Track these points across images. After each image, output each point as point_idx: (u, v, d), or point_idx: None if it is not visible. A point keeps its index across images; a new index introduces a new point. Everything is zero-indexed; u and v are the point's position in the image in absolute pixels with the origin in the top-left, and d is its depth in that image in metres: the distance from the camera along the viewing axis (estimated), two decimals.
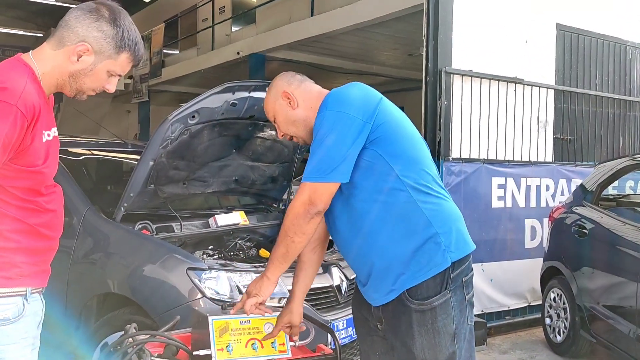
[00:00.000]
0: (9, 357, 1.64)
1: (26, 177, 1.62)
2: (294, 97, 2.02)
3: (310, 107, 2.01)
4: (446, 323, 1.85)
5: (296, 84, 2.05)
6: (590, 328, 4.09)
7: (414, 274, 1.84)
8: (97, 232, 3.29)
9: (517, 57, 5.25)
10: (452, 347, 1.86)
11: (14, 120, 1.51)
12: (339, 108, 1.85)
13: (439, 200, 1.90)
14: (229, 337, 1.77)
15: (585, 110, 5.88)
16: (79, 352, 3.11)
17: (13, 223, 1.62)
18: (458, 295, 1.87)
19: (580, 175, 5.35)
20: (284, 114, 2.04)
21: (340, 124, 1.83)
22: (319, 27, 9.06)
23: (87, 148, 4.36)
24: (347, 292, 3.43)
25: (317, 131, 1.86)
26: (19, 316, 1.65)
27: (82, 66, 1.66)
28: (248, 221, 3.80)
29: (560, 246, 4.59)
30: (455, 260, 1.86)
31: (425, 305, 1.85)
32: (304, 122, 2.02)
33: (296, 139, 2.08)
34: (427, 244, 1.84)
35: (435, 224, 1.85)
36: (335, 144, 1.82)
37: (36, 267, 1.70)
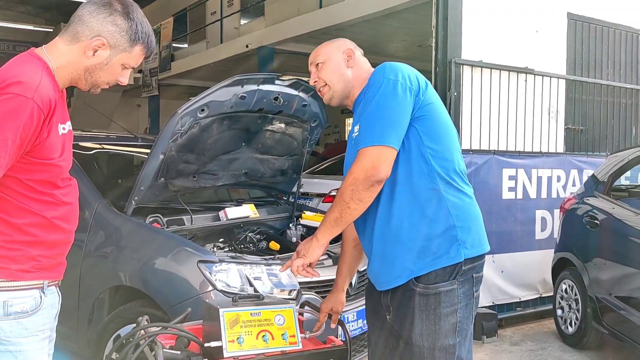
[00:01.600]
0: (27, 348, 1.67)
1: (43, 170, 1.64)
2: (355, 59, 2.08)
3: (358, 76, 2.05)
4: (449, 312, 1.84)
5: (359, 52, 2.13)
6: (602, 319, 4.07)
7: (425, 261, 1.84)
8: (109, 226, 3.32)
9: (527, 47, 5.20)
10: (452, 340, 1.84)
11: (30, 113, 1.52)
12: (396, 77, 1.87)
13: (462, 196, 1.89)
14: (239, 329, 1.78)
15: (596, 100, 5.82)
16: (92, 344, 3.14)
17: (31, 217, 1.65)
18: (466, 288, 1.86)
19: (592, 166, 5.31)
20: (336, 64, 2.06)
21: (400, 91, 1.84)
22: (327, 19, 9.02)
23: (98, 142, 4.38)
24: (357, 284, 3.43)
25: (373, 96, 1.87)
26: (36, 309, 1.67)
27: (97, 60, 1.67)
28: (258, 214, 3.82)
29: (571, 237, 4.57)
30: (469, 258, 1.85)
31: (430, 289, 1.84)
32: (346, 83, 2.05)
33: (325, 91, 2.08)
34: (444, 235, 1.84)
35: (455, 218, 1.84)
36: (397, 110, 1.83)
37: (53, 260, 1.72)
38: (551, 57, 5.42)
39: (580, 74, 5.69)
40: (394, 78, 1.86)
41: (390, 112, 1.82)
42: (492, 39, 4.94)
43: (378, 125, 1.81)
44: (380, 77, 1.88)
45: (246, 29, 12.52)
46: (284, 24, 10.16)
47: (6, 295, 1.62)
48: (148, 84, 15.21)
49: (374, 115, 1.84)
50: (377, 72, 1.93)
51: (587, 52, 5.76)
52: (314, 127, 3.89)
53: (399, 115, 1.83)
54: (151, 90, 15.16)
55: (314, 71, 2.11)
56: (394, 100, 1.83)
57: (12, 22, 18.85)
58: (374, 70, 1.97)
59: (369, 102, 1.87)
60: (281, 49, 10.61)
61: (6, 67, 1.60)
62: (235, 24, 13.06)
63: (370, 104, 1.86)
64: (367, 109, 1.87)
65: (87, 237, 3.26)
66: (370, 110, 1.86)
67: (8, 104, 1.50)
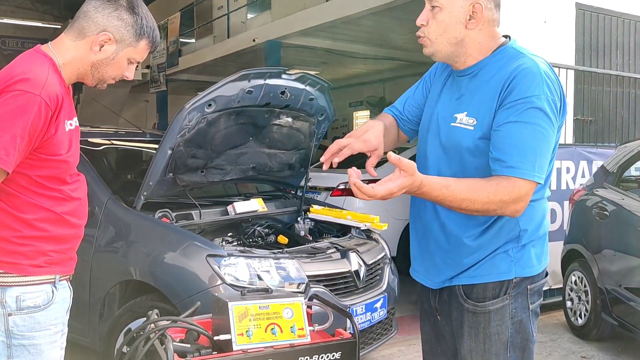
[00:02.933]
0: (40, 342, 1.70)
1: (51, 166, 1.66)
2: (479, 20, 1.69)
3: (477, 43, 1.70)
4: (500, 330, 1.73)
5: (491, 7, 1.71)
6: (611, 311, 4.06)
7: (474, 271, 1.74)
8: (119, 221, 3.34)
9: (536, 38, 5.16)
10: (502, 357, 1.74)
11: (38, 110, 1.54)
12: (554, 104, 1.64)
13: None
14: (248, 322, 1.79)
15: (606, 91, 5.78)
16: (104, 338, 3.17)
17: (41, 212, 1.67)
18: (519, 302, 1.74)
19: (601, 157, 5.27)
20: (453, 20, 1.68)
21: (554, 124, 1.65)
22: (334, 12, 8.99)
23: (106, 138, 4.41)
24: (366, 277, 3.44)
25: (528, 116, 1.59)
26: (48, 303, 1.70)
27: (104, 56, 1.69)
28: (266, 208, 3.83)
29: (581, 229, 4.55)
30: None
31: (478, 308, 1.74)
32: (456, 48, 1.71)
33: (425, 44, 1.74)
34: (504, 247, 1.72)
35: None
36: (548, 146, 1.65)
37: (64, 255, 1.74)
38: (560, 47, 5.38)
39: (589, 65, 5.65)
40: (552, 97, 1.62)
41: (545, 148, 1.63)
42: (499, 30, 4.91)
43: (538, 158, 1.61)
44: (537, 91, 1.60)
45: (253, 23, 12.50)
46: (290, 17, 10.13)
47: (19, 290, 1.65)
48: (156, 80, 15.25)
49: (533, 143, 1.60)
50: (530, 76, 1.62)
51: (595, 42, 5.72)
52: (321, 121, 3.89)
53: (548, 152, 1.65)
54: (159, 85, 15.20)
55: (427, 10, 1.72)
56: (550, 133, 1.63)
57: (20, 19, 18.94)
58: (527, 71, 1.63)
59: (520, 116, 1.59)
60: (288, 42, 10.59)
61: (13, 64, 1.61)
62: (242, 18, 13.04)
63: (527, 125, 1.59)
64: (520, 128, 1.60)
65: (97, 233, 3.29)
66: (528, 134, 1.60)
67: (16, 101, 1.52)
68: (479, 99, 1.69)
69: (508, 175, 1.59)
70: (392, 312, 3.70)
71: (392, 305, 3.64)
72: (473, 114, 1.69)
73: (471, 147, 1.69)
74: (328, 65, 13.01)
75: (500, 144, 1.61)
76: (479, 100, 1.69)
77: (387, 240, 4.06)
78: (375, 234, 3.88)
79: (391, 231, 4.75)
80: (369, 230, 3.84)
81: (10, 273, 1.64)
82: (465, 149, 1.70)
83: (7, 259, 1.64)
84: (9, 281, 1.64)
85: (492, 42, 1.74)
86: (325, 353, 1.84)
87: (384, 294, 3.50)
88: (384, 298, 3.48)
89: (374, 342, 3.49)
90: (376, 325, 3.47)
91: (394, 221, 5.38)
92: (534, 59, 1.68)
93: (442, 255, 1.79)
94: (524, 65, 1.66)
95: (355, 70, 14.23)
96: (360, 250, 3.52)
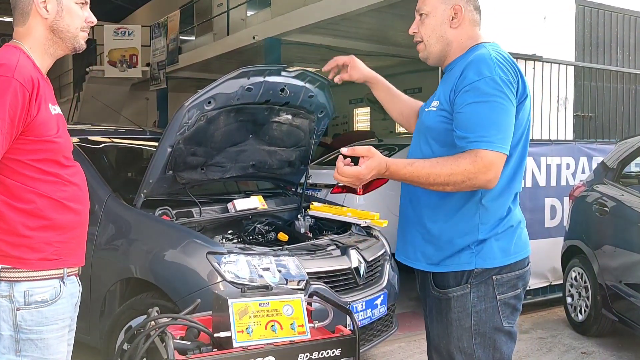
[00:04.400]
0: (47, 337, 1.72)
1: (42, 148, 1.68)
2: (461, 18, 1.90)
3: (459, 40, 1.90)
4: (461, 317, 1.84)
5: (471, 9, 1.92)
6: (612, 306, 4.06)
7: (442, 259, 1.86)
8: (119, 219, 3.34)
9: (535, 34, 5.15)
10: (467, 342, 1.84)
11: (14, 92, 1.57)
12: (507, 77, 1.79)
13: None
14: (248, 320, 1.79)
15: (606, 87, 5.77)
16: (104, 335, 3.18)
17: (40, 199, 1.68)
18: (482, 291, 1.83)
19: (601, 153, 5.27)
20: (438, 21, 1.90)
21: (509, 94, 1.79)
22: (333, 9, 8.98)
23: (107, 136, 4.41)
24: (366, 274, 3.45)
25: (481, 93, 1.74)
26: (56, 298, 1.72)
27: (53, 11, 1.73)
28: (266, 205, 3.83)
29: (581, 225, 4.55)
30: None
31: (441, 294, 1.87)
32: (445, 45, 1.91)
33: (420, 49, 1.96)
34: (464, 240, 1.85)
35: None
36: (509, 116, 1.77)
37: (70, 245, 1.76)
38: (560, 43, 5.37)
39: (590, 61, 5.64)
40: (505, 76, 1.76)
41: (505, 120, 1.75)
42: (499, 26, 4.89)
43: (499, 130, 1.73)
44: (488, 72, 1.75)
45: (253, 21, 12.49)
46: (290, 14, 10.12)
47: (27, 285, 1.67)
48: (156, 77, 15.25)
49: (490, 115, 1.73)
50: (481, 62, 1.78)
51: (596, 38, 5.70)
52: (321, 118, 3.89)
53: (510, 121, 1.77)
54: (159, 83, 15.20)
55: (417, 20, 1.95)
56: (509, 107, 1.75)
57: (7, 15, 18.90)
58: (476, 59, 1.79)
59: (477, 97, 1.74)
60: (288, 39, 10.58)
61: None
62: (241, 16, 13.03)
63: (485, 103, 1.73)
64: (479, 107, 1.74)
65: (98, 231, 3.30)
66: (487, 110, 1.73)
67: None
68: (445, 87, 1.89)
69: (472, 148, 1.73)
70: (392, 308, 3.71)
71: (392, 302, 3.65)
72: (437, 98, 1.91)
73: (432, 126, 1.87)
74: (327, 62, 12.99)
75: (463, 123, 1.76)
76: (444, 88, 1.89)
77: (387, 237, 4.07)
78: (376, 230, 3.89)
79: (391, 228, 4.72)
80: (369, 227, 3.84)
81: (19, 268, 1.66)
82: (428, 129, 1.89)
83: (15, 253, 1.66)
84: (17, 276, 1.66)
85: (470, 41, 1.91)
86: (325, 350, 1.85)
87: (384, 290, 3.51)
88: (384, 295, 3.48)
89: (374, 339, 3.50)
90: (376, 322, 3.47)
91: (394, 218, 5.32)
92: (488, 49, 1.84)
93: (412, 231, 1.93)
94: (477, 53, 1.83)
95: None
96: (361, 247, 3.52)
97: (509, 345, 1.90)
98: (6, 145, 1.59)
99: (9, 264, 1.65)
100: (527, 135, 1.90)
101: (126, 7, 19.94)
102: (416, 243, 1.93)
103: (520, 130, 1.85)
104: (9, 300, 1.65)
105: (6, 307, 1.65)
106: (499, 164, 1.74)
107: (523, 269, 1.90)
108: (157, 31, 15.05)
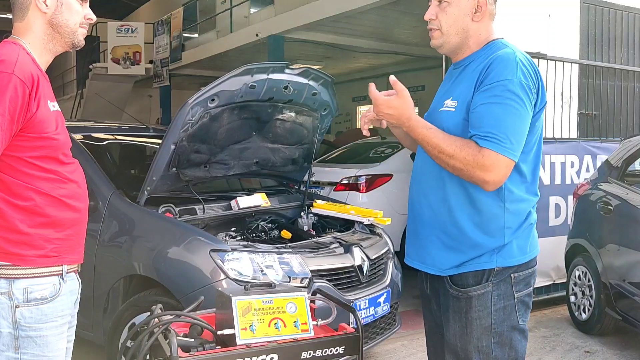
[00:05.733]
0: (47, 334, 1.71)
1: (42, 145, 1.68)
2: (484, 13, 1.84)
3: (477, 35, 1.85)
4: (481, 316, 1.82)
5: (492, 2, 1.87)
6: (615, 305, 4.05)
7: (462, 262, 1.84)
8: (122, 216, 3.35)
9: (540, 32, 5.14)
10: (485, 342, 1.82)
11: (14, 88, 1.57)
12: (527, 84, 1.76)
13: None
14: (252, 317, 1.79)
15: (610, 85, 5.75)
16: (108, 332, 3.19)
17: (40, 197, 1.68)
18: (502, 289, 1.83)
19: (606, 151, 5.26)
20: (462, 13, 1.83)
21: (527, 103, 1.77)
22: (337, 7, 8.96)
23: (110, 133, 4.42)
24: (369, 272, 3.45)
25: (501, 96, 1.71)
26: (55, 295, 1.72)
27: (52, 7, 1.74)
28: (269, 203, 3.83)
29: (585, 223, 4.54)
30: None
31: (461, 293, 1.85)
32: (463, 39, 1.86)
33: (435, 36, 1.89)
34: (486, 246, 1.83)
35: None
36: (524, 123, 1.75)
37: (69, 242, 1.76)
38: (564, 41, 5.35)
39: (594, 58, 5.62)
40: (525, 82, 1.73)
41: (518, 126, 1.73)
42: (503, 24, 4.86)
43: (510, 135, 1.70)
44: (511, 75, 1.72)
45: (256, 18, 12.49)
46: (293, 12, 10.11)
47: (26, 283, 1.67)
48: (159, 75, 15.26)
49: (506, 121, 1.71)
50: (506, 63, 1.75)
51: (600, 36, 5.68)
52: (325, 116, 3.88)
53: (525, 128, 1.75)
54: (162, 80, 15.21)
55: (434, 5, 1.87)
56: (523, 114, 1.73)
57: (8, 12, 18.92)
58: (501, 58, 1.76)
59: (494, 98, 1.71)
60: (291, 37, 10.58)
61: None
62: (245, 13, 13.03)
63: (500, 105, 1.71)
64: (494, 108, 1.71)
65: (101, 228, 3.30)
66: (501, 112, 1.71)
67: None
68: (463, 85, 1.84)
69: (480, 145, 1.72)
70: (395, 306, 3.70)
71: (395, 299, 3.65)
72: (455, 98, 1.84)
73: (450, 128, 1.81)
74: (331, 59, 12.99)
75: (477, 122, 1.74)
76: (463, 86, 1.83)
77: (391, 234, 4.06)
78: (379, 228, 3.88)
79: (395, 226, 4.75)
80: (372, 225, 3.84)
81: (18, 265, 1.66)
82: (446, 130, 1.81)
83: (14, 250, 1.66)
84: (16, 273, 1.66)
85: (487, 35, 1.88)
86: (329, 347, 1.85)
87: (387, 288, 3.50)
88: (387, 293, 3.48)
89: (377, 337, 3.50)
90: (379, 320, 3.47)
91: (398, 216, 5.37)
92: (512, 49, 1.81)
93: (431, 237, 1.89)
94: (501, 52, 1.79)
95: (358, 64, 14.20)
96: (364, 244, 3.52)
97: (523, 344, 1.89)
98: (6, 141, 1.59)
99: (8, 261, 1.65)
100: (540, 140, 1.88)
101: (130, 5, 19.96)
102: (434, 248, 1.89)
103: (535, 136, 1.83)
104: (8, 298, 1.65)
105: (5, 304, 1.65)
106: (502, 168, 1.71)
107: (535, 266, 1.92)
108: (161, 28, 15.05)
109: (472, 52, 1.87)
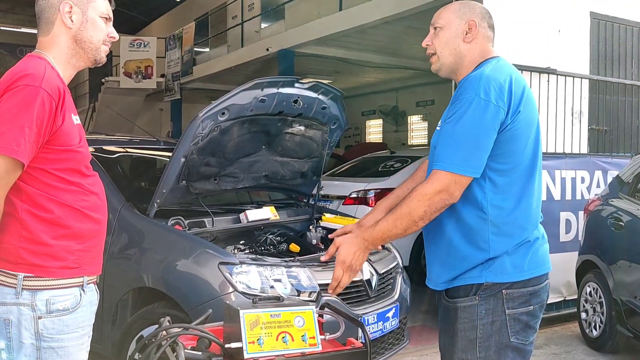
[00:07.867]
0: (68, 344, 1.73)
1: (67, 157, 1.70)
2: (475, 33, 1.91)
3: (471, 55, 1.91)
4: (466, 328, 1.84)
5: (485, 26, 1.93)
6: (627, 322, 4.00)
7: (454, 277, 1.88)
8: (132, 228, 3.36)
9: (550, 47, 5.14)
10: (471, 355, 1.84)
11: (41, 101, 1.60)
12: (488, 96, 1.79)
13: None
14: (259, 330, 1.79)
15: (621, 100, 5.73)
16: (116, 344, 3.19)
17: (63, 209, 1.70)
18: (491, 304, 1.83)
19: (617, 167, 5.23)
20: (452, 35, 1.91)
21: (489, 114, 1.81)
22: (347, 22, 9.02)
23: (121, 146, 4.45)
24: (377, 286, 3.43)
25: (460, 114, 1.76)
26: (77, 306, 1.74)
27: (78, 22, 1.77)
28: (278, 216, 3.83)
29: (596, 239, 4.50)
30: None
31: (450, 303, 1.89)
32: (457, 59, 1.92)
33: (433, 60, 1.97)
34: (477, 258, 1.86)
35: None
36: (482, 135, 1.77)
37: (90, 253, 1.78)
38: (574, 57, 5.35)
39: (604, 74, 5.61)
40: (484, 97, 1.75)
41: (472, 139, 1.76)
42: (514, 39, 4.89)
43: (461, 151, 1.75)
44: (471, 93, 1.77)
45: (266, 33, 12.59)
46: (304, 27, 10.19)
47: (49, 294, 1.69)
48: (170, 88, 15.39)
49: (459, 137, 1.76)
50: (470, 82, 1.80)
51: (610, 52, 5.68)
52: (334, 130, 3.89)
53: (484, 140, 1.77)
54: (173, 94, 15.34)
55: (431, 33, 1.96)
56: (481, 121, 1.75)
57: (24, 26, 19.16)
58: (469, 78, 1.82)
59: (451, 116, 1.79)
60: (302, 51, 10.64)
61: (13, 67, 1.70)
62: (255, 28, 13.15)
63: (455, 121, 1.77)
64: (450, 126, 1.78)
65: (111, 239, 3.31)
66: (454, 130, 1.77)
67: (19, 94, 1.59)
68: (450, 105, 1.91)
69: (434, 168, 1.79)
70: (404, 321, 3.68)
71: (404, 314, 3.62)
72: (443, 117, 1.91)
73: (435, 145, 1.90)
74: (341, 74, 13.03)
75: (437, 142, 1.85)
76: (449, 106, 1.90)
77: (400, 249, 4.05)
78: (388, 243, 3.87)
79: (404, 240, 4.74)
80: None
81: (41, 276, 1.68)
82: (433, 147, 1.91)
83: (37, 262, 1.67)
84: (39, 284, 1.68)
85: (484, 54, 1.93)
86: None
87: (396, 303, 3.48)
88: (395, 307, 3.46)
89: (385, 352, 3.47)
90: (388, 335, 3.45)
91: None
92: (486, 68, 1.84)
93: (436, 256, 1.95)
94: (472, 73, 1.86)
95: (367, 79, 14.24)
96: (372, 259, 3.51)
97: None
98: (32, 154, 1.62)
99: (31, 272, 1.67)
100: (535, 152, 1.87)
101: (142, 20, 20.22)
102: (433, 264, 1.97)
103: (521, 147, 1.82)
104: (31, 309, 1.67)
105: (28, 315, 1.67)
106: (452, 184, 1.76)
107: (538, 286, 1.88)
108: (172, 43, 15.21)
109: (469, 72, 1.91)
